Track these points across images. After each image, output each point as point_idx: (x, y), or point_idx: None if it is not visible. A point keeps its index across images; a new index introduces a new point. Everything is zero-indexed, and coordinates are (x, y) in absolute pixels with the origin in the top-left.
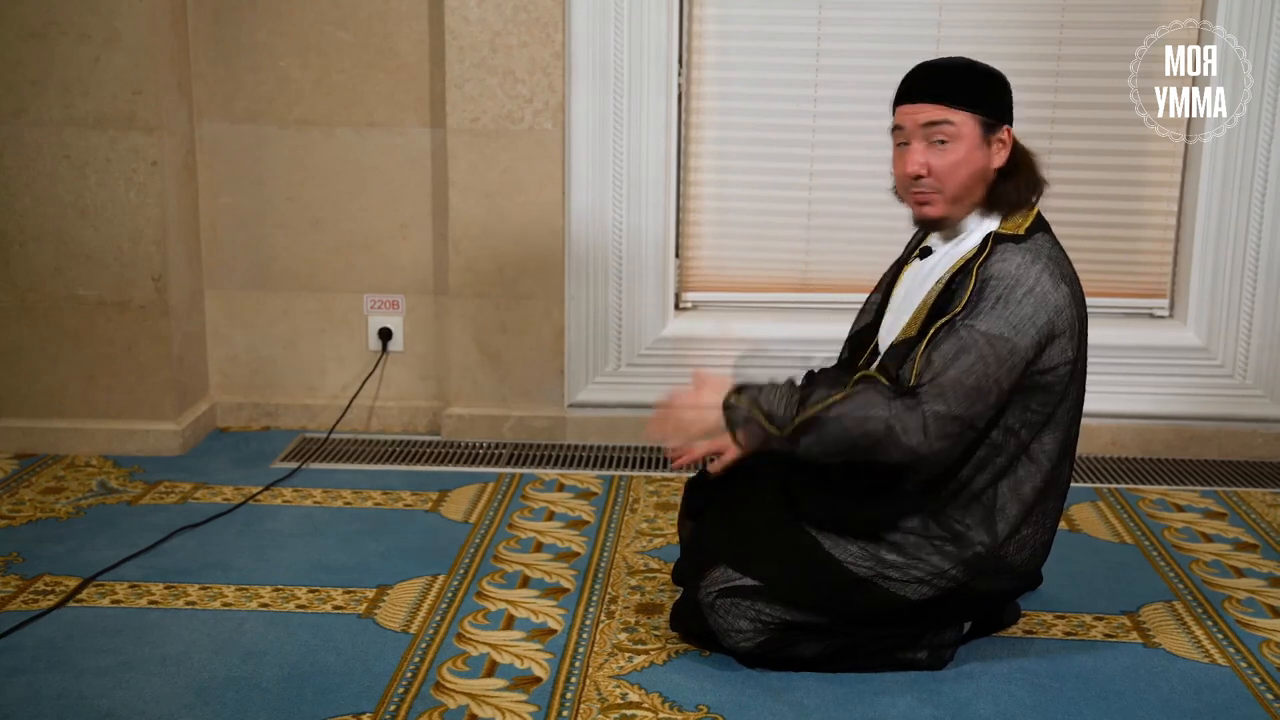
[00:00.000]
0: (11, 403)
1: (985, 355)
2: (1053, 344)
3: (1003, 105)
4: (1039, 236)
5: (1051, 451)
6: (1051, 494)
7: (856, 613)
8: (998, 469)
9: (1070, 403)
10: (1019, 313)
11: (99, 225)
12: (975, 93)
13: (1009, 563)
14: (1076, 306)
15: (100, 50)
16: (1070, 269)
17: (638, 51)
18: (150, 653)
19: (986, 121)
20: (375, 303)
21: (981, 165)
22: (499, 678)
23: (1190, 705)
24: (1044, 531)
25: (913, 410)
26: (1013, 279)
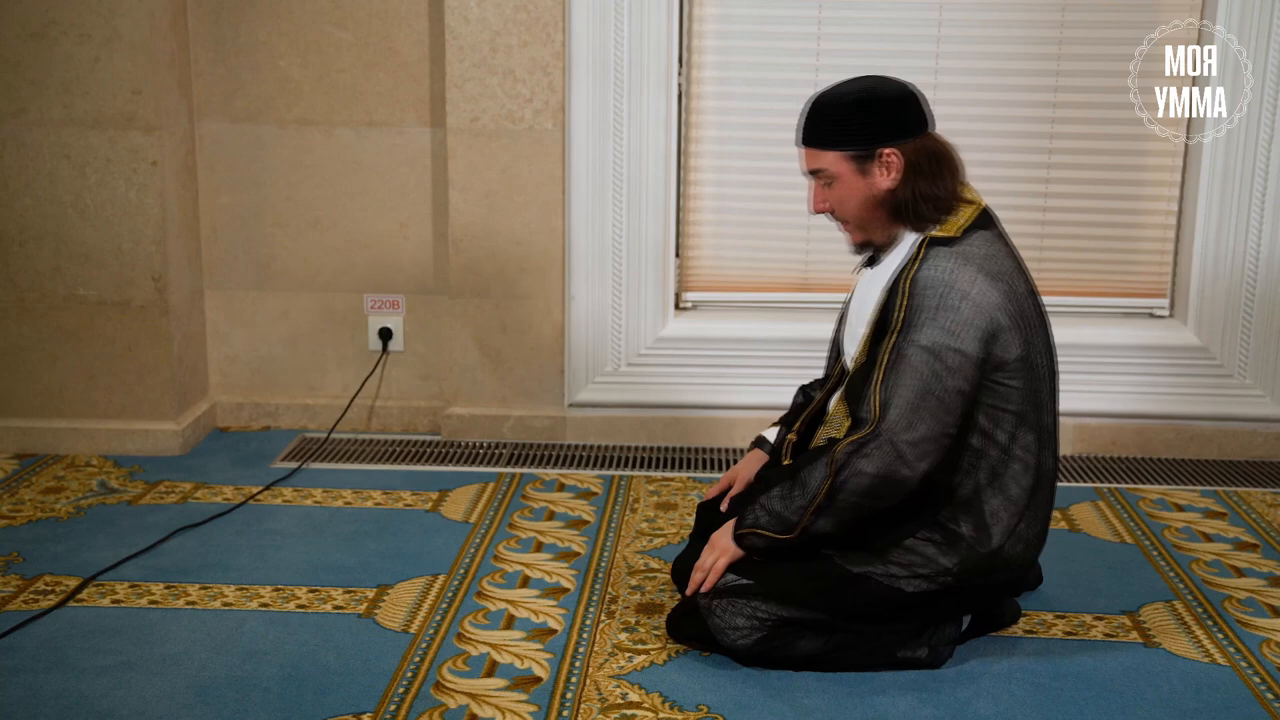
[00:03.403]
0: (11, 402)
1: (935, 369)
2: (996, 343)
3: (875, 131)
4: (975, 236)
5: (1030, 445)
6: (1040, 487)
7: (853, 608)
8: (983, 474)
9: (1034, 396)
10: (957, 319)
11: (99, 225)
12: (838, 133)
13: (1006, 556)
14: (1016, 302)
15: (100, 50)
16: (1008, 265)
17: (638, 51)
18: (150, 652)
19: (856, 155)
20: (375, 302)
21: (867, 193)
22: (499, 677)
23: (1190, 705)
24: (1037, 523)
25: (886, 450)
26: (944, 285)
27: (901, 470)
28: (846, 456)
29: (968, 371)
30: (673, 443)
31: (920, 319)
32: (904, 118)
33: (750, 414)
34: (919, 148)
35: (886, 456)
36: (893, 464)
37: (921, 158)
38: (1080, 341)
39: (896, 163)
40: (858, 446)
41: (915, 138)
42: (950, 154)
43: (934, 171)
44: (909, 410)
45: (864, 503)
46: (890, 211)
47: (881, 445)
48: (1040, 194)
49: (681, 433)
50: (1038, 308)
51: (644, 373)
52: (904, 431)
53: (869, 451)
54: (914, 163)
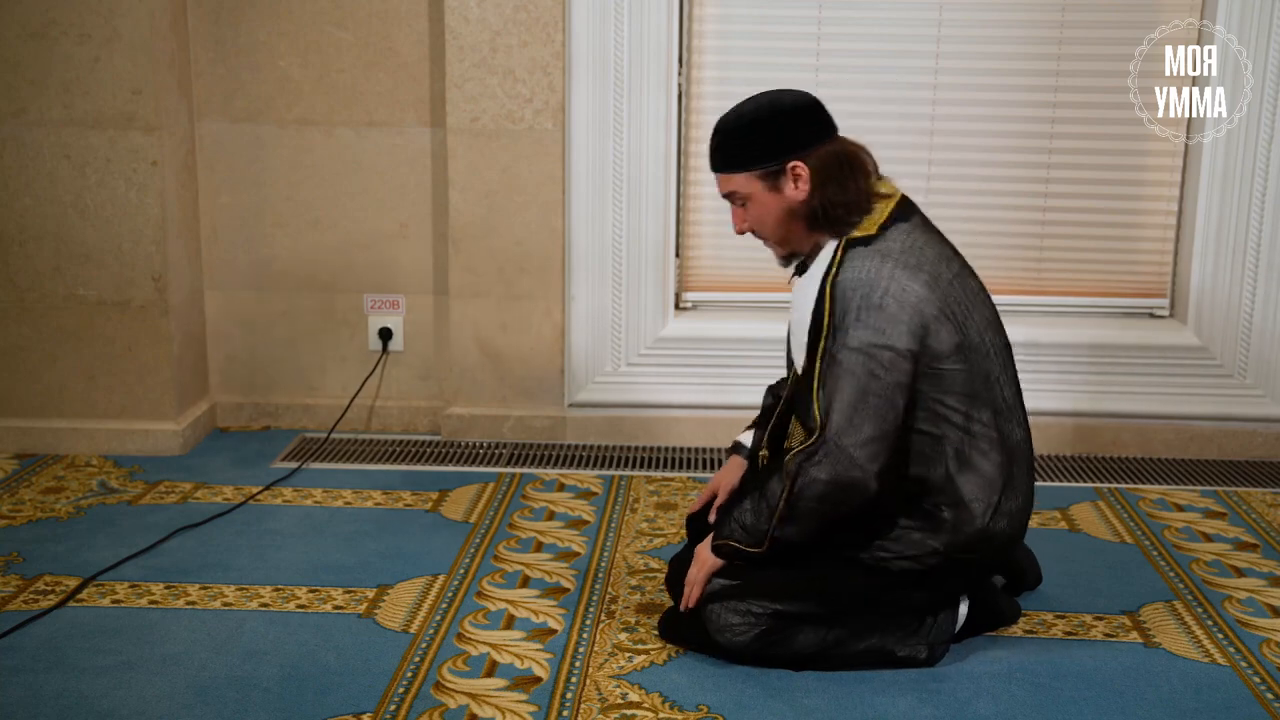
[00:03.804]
0: (11, 402)
1: (870, 368)
2: (928, 333)
3: (778, 146)
4: (893, 231)
5: (989, 421)
6: (1014, 460)
7: (844, 594)
8: (950, 459)
9: (982, 375)
10: (882, 316)
11: (99, 225)
12: (743, 154)
13: (991, 533)
14: (941, 290)
15: (100, 50)
16: (930, 253)
17: (638, 51)
18: (150, 652)
19: (764, 173)
20: (375, 302)
21: (782, 207)
22: (499, 677)
23: (1190, 704)
24: (1018, 496)
25: (835, 455)
26: (866, 285)
27: (853, 472)
28: (798, 465)
29: (902, 366)
30: (673, 443)
31: (847, 322)
32: (805, 128)
33: (750, 414)
34: (825, 155)
35: (836, 462)
36: (844, 468)
37: (829, 164)
38: (1080, 341)
39: (804, 174)
40: (808, 455)
41: (820, 146)
42: (857, 154)
43: (843, 176)
44: (850, 413)
45: (824, 509)
46: (807, 222)
47: (829, 451)
48: (1040, 194)
49: (681, 433)
50: (972, 287)
51: (644, 373)
52: (848, 435)
53: (819, 459)
54: (822, 170)
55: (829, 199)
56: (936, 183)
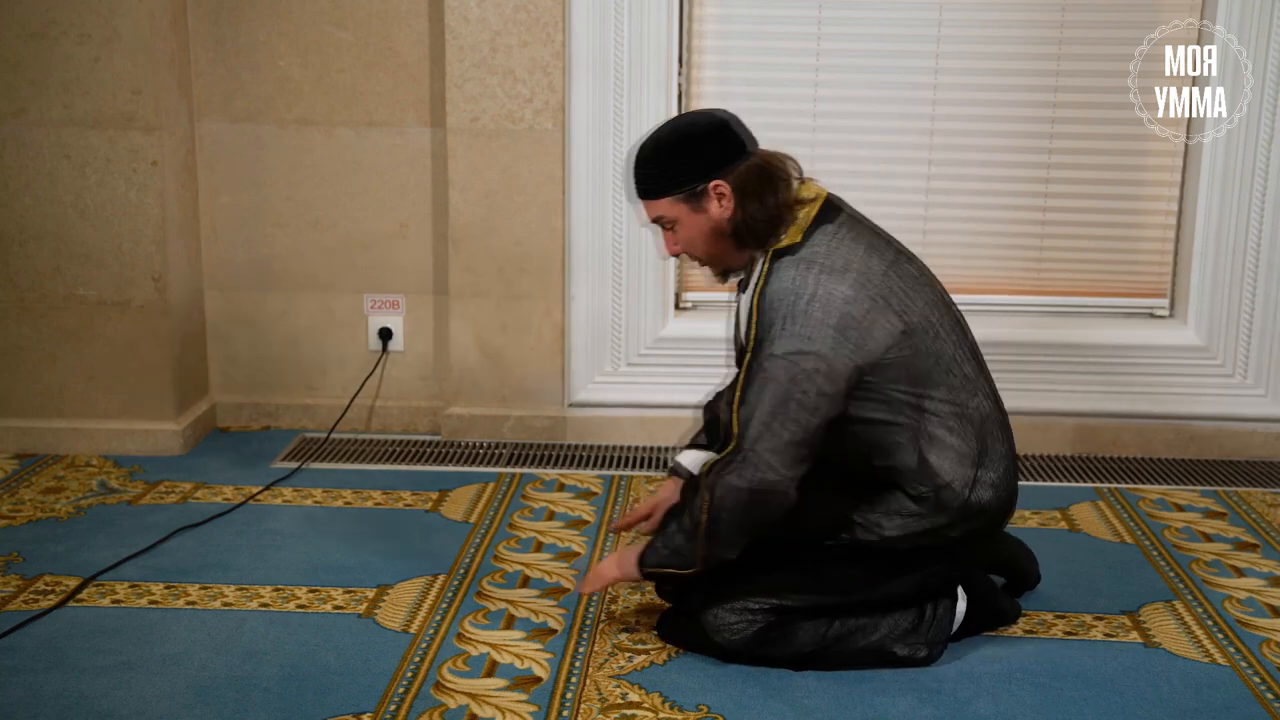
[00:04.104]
0: (11, 402)
1: (793, 374)
2: (861, 331)
3: (696, 168)
4: (816, 235)
5: (944, 397)
6: (985, 431)
7: (837, 579)
8: (917, 442)
9: (931, 356)
10: (807, 323)
11: (99, 225)
12: (663, 179)
13: (976, 505)
14: (871, 286)
15: (100, 50)
16: (856, 251)
17: (638, 51)
18: (150, 652)
19: (685, 196)
20: (375, 302)
21: (709, 227)
22: (499, 677)
23: (1190, 704)
24: (998, 465)
25: (752, 463)
26: (792, 294)
27: (769, 477)
28: (716, 476)
29: (826, 371)
30: (673, 443)
31: (773, 333)
32: (722, 147)
33: None
34: (744, 171)
35: (752, 469)
36: (761, 475)
37: (748, 180)
38: (1080, 341)
39: (726, 192)
40: (725, 464)
41: (739, 162)
42: (775, 166)
43: (762, 189)
44: (768, 419)
45: (746, 519)
46: (734, 239)
47: (746, 459)
48: (1040, 194)
49: (681, 433)
50: (910, 272)
51: (644, 373)
52: (764, 441)
53: (735, 467)
54: (742, 187)
55: (751, 214)
56: (936, 183)
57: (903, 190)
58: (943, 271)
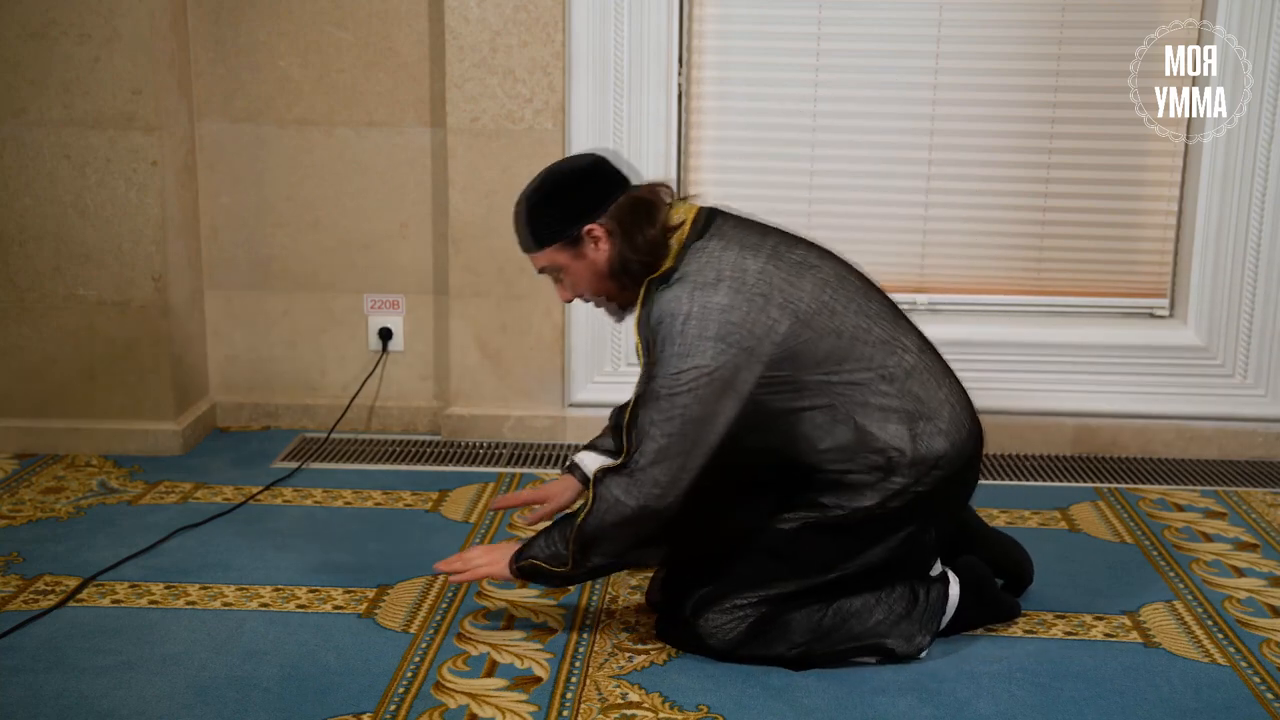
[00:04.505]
0: (11, 402)
1: (675, 391)
2: (746, 334)
3: (571, 214)
4: (689, 255)
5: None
6: (912, 382)
7: (822, 559)
8: (848, 418)
9: (833, 333)
10: (685, 341)
11: (99, 225)
12: (542, 230)
13: (932, 457)
14: (747, 289)
15: (100, 50)
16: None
17: (638, 51)
18: (150, 652)
19: (565, 244)
20: (375, 302)
21: (592, 271)
22: (499, 677)
23: (1190, 705)
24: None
25: (638, 481)
26: (668, 317)
27: (653, 495)
28: (605, 486)
29: (712, 383)
30: None
31: (654, 357)
32: (594, 190)
33: None
34: (617, 210)
35: (639, 488)
36: (646, 493)
37: (623, 218)
38: (1080, 341)
39: (601, 234)
40: (615, 476)
41: (611, 202)
42: (647, 199)
43: (637, 225)
44: (656, 438)
45: (621, 532)
46: (617, 278)
47: (634, 477)
48: (1040, 194)
49: None
50: (794, 258)
51: None
52: (649, 459)
53: (623, 483)
54: (617, 226)
55: (628, 252)
56: (936, 183)
57: (903, 190)
58: (943, 271)
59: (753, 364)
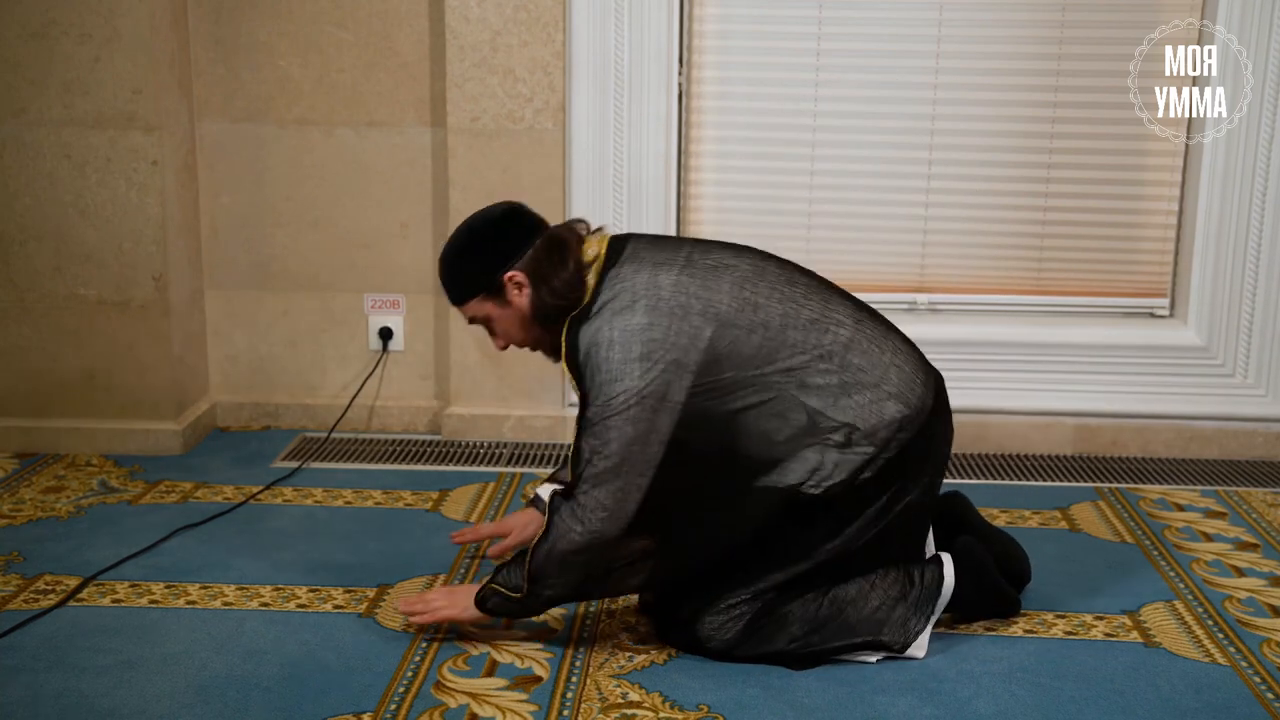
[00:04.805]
0: (12, 402)
1: (608, 416)
2: (672, 349)
3: (488, 265)
4: (603, 287)
5: (801, 349)
6: (856, 350)
7: (804, 541)
8: (800, 405)
9: (763, 326)
10: (611, 367)
11: (99, 225)
12: (463, 284)
13: (891, 419)
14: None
15: (100, 50)
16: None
17: (638, 51)
18: (151, 652)
19: (487, 294)
20: (376, 302)
21: (518, 318)
22: (500, 677)
23: (1191, 704)
24: (889, 375)
25: (584, 505)
26: (593, 346)
27: (603, 526)
28: (553, 517)
29: (643, 403)
30: None
31: (586, 388)
32: (509, 238)
33: None
34: (533, 254)
35: (585, 515)
36: (589, 516)
37: (540, 262)
38: (1081, 341)
39: (521, 279)
40: (557, 503)
41: (527, 247)
42: (561, 238)
43: (554, 267)
44: (598, 463)
45: (573, 558)
46: (542, 322)
47: (579, 503)
48: (1040, 194)
49: None
50: (709, 263)
51: None
52: (593, 484)
53: (567, 508)
54: (536, 271)
55: (547, 295)
56: (937, 182)
57: (903, 190)
58: (943, 271)
59: (682, 376)
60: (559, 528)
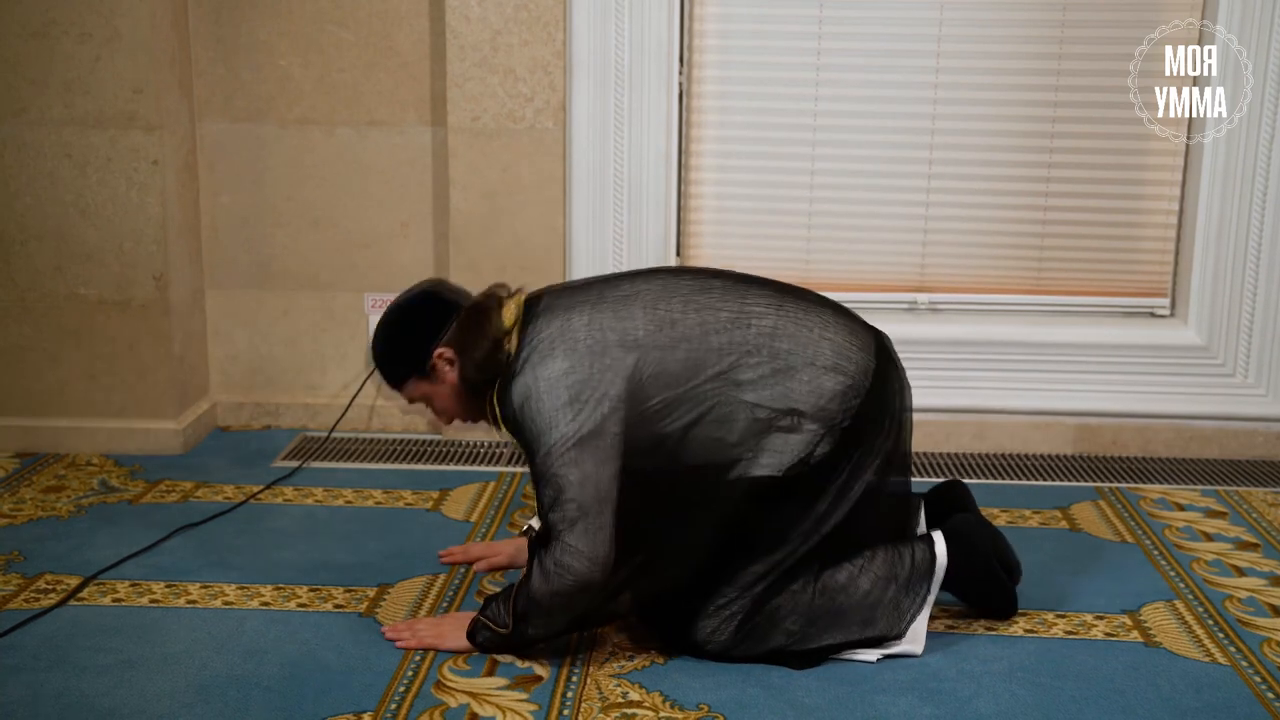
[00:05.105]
0: (12, 401)
1: (551, 465)
2: (597, 388)
3: (415, 348)
4: (523, 344)
5: (725, 354)
6: (781, 335)
7: (772, 528)
8: (733, 404)
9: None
10: (542, 417)
11: (100, 224)
12: (396, 368)
13: (829, 392)
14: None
15: (101, 49)
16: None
17: (638, 50)
18: (151, 651)
19: (418, 376)
20: (376, 302)
21: (452, 393)
22: (500, 676)
23: (1191, 704)
24: (820, 344)
25: (560, 552)
26: (521, 402)
27: (578, 560)
28: (533, 567)
29: (582, 444)
30: None
31: (526, 443)
32: (430, 318)
33: None
34: (455, 330)
35: (566, 558)
36: (572, 563)
37: (464, 337)
38: (1081, 341)
39: (449, 356)
40: (539, 554)
41: (449, 325)
42: (479, 308)
43: (476, 340)
44: (555, 510)
45: (559, 600)
46: (474, 394)
47: (560, 548)
48: (1041, 193)
49: None
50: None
51: None
52: (559, 529)
53: (549, 557)
54: (460, 347)
55: (472, 369)
56: (937, 182)
57: (903, 190)
58: (943, 271)
59: (615, 410)
60: (539, 574)
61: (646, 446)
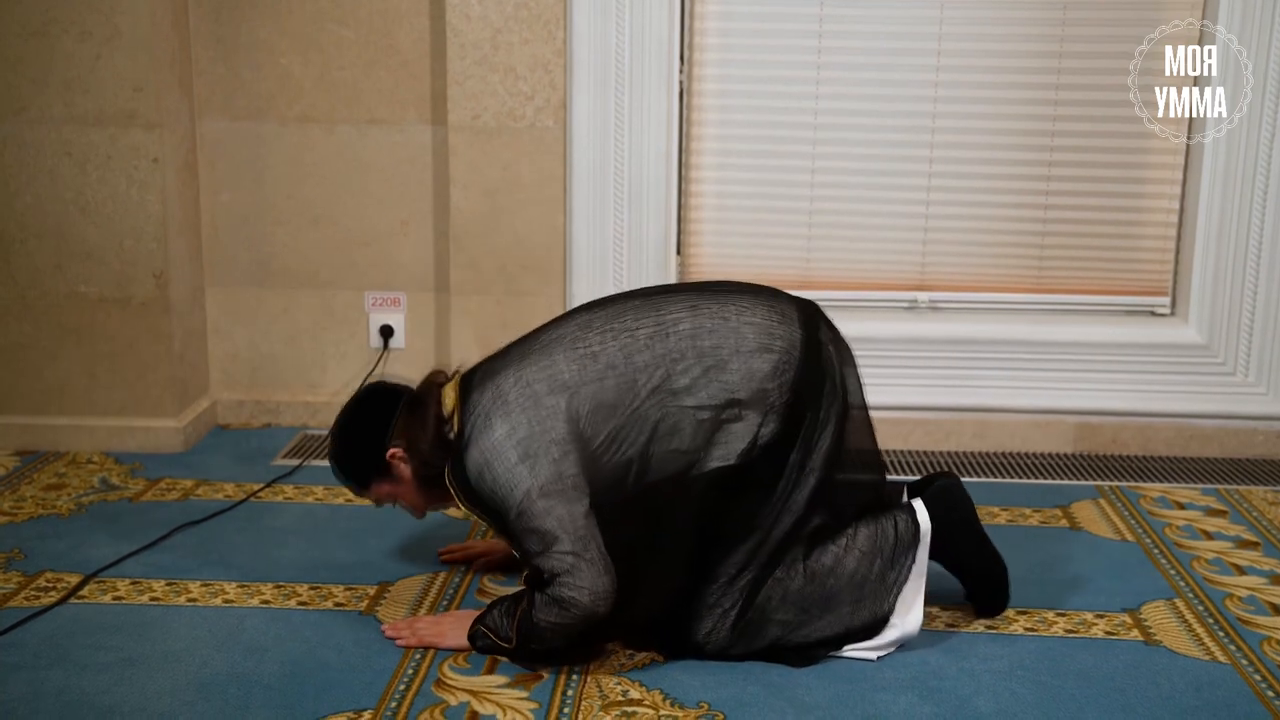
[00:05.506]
0: (13, 399)
1: (525, 522)
2: (544, 437)
3: (368, 452)
4: (466, 422)
5: (652, 371)
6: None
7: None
8: (677, 413)
9: (613, 364)
10: (500, 482)
11: (100, 222)
12: (353, 476)
13: (759, 373)
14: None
15: (101, 48)
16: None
17: (639, 49)
18: (152, 649)
19: (378, 478)
20: (376, 300)
21: (412, 487)
22: (500, 674)
23: (1191, 703)
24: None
25: (564, 585)
26: (475, 476)
27: (584, 597)
28: (541, 602)
29: (541, 495)
30: None
31: (493, 510)
32: (375, 419)
33: None
34: (401, 428)
35: (560, 593)
36: (581, 598)
37: (408, 430)
38: (1082, 340)
39: (400, 453)
40: (545, 593)
41: (395, 423)
42: (419, 400)
43: (421, 431)
44: (544, 559)
45: (565, 632)
46: (428, 483)
47: (562, 585)
48: (1041, 192)
49: None
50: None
51: None
52: (552, 573)
53: (557, 594)
54: (407, 440)
55: (422, 462)
56: (937, 181)
57: (903, 189)
58: (944, 270)
59: (566, 453)
60: (541, 605)
61: (612, 481)
